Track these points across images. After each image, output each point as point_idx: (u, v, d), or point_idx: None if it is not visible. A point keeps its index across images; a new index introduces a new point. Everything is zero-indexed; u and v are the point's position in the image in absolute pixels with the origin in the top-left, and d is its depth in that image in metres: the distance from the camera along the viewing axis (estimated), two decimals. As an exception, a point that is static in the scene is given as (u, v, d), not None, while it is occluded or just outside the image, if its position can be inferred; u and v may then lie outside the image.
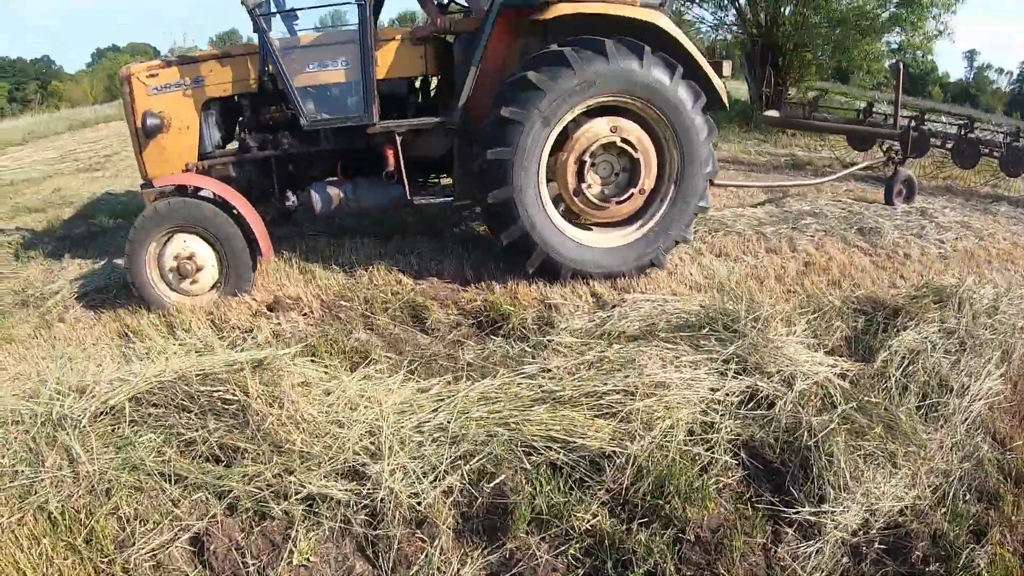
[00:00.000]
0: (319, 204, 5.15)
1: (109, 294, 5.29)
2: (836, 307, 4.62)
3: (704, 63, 5.01)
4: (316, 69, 4.96)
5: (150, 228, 4.63)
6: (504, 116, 4.50)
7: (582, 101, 4.61)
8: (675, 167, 5.01)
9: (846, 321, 4.50)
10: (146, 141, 5.02)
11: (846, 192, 8.75)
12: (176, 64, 5.08)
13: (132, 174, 11.87)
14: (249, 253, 4.79)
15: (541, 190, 4.73)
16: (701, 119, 4.94)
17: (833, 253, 6.02)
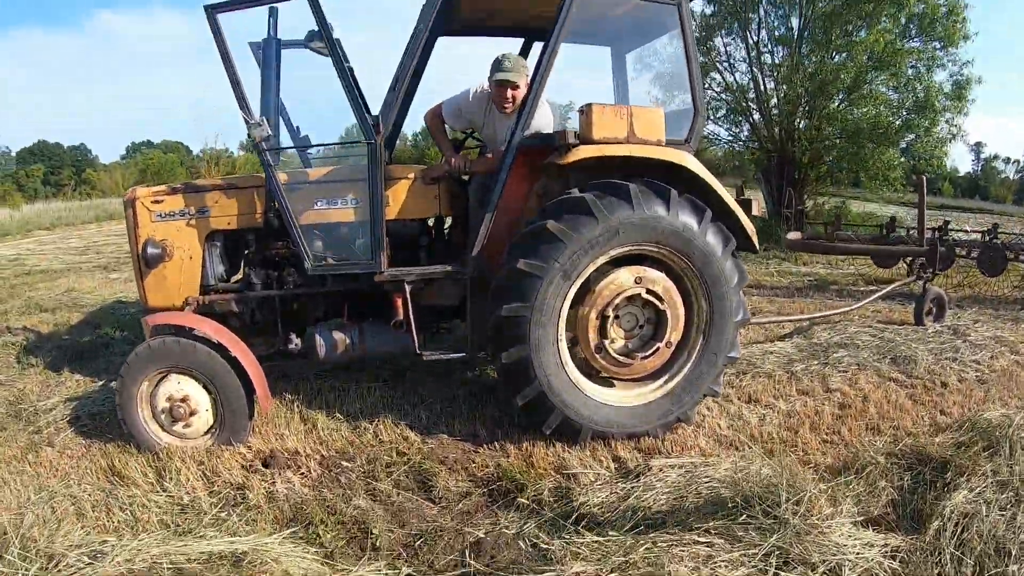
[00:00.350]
0: (323, 349, 4.80)
1: (103, 421, 5.01)
2: (880, 464, 4.16)
3: (733, 203, 4.67)
4: (324, 207, 4.68)
5: (143, 366, 4.34)
6: (521, 269, 4.13)
7: (605, 252, 4.25)
8: (704, 317, 4.62)
9: (891, 480, 4.03)
10: (147, 270, 4.76)
11: (874, 313, 8.45)
12: (181, 191, 4.83)
13: (145, 281, 11.82)
14: (246, 401, 4.44)
15: (560, 348, 4.32)
16: (731, 264, 4.58)
17: (868, 390, 5.65)
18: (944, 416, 5.13)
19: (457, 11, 5.22)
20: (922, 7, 13.65)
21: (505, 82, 4.74)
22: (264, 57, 4.60)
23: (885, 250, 9.42)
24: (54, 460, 4.44)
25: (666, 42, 5.77)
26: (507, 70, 4.71)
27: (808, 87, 13.22)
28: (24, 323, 8.62)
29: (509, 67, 4.72)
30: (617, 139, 4.29)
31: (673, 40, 5.70)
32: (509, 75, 4.71)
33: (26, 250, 20.65)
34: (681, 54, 4.85)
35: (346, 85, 4.30)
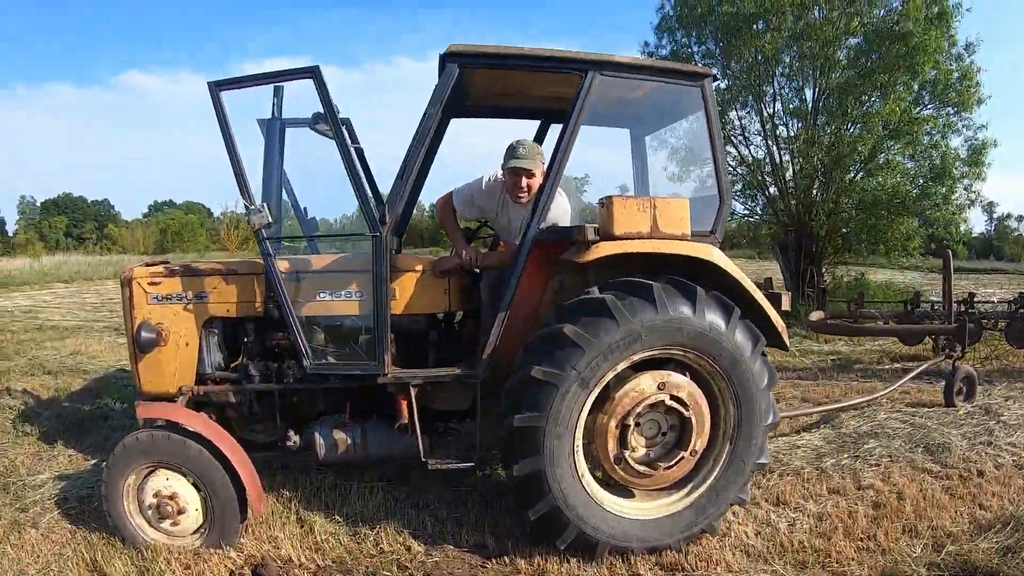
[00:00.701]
0: (323, 449, 4.45)
1: (90, 505, 4.73)
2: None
3: (762, 298, 4.30)
4: (327, 298, 4.37)
5: (130, 458, 4.06)
6: (535, 377, 3.75)
7: (626, 357, 3.87)
8: (731, 423, 4.22)
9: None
10: (141, 354, 4.47)
11: (902, 395, 8.00)
12: (180, 274, 4.56)
13: (151, 346, 11.58)
14: (238, 502, 4.09)
15: (576, 460, 3.92)
16: (760, 365, 4.19)
17: (903, 485, 5.24)
18: (984, 511, 4.79)
19: (469, 92, 4.97)
20: (934, 74, 13.51)
21: (519, 170, 4.43)
22: (267, 138, 4.35)
23: (912, 330, 9.00)
24: (37, 544, 4.24)
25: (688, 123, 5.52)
26: (521, 157, 4.41)
27: (825, 160, 12.97)
28: (26, 385, 8.43)
29: (524, 154, 4.42)
30: (640, 234, 3.96)
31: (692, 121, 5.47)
32: (523, 162, 4.41)
33: (42, 302, 20.98)
34: (703, 134, 4.55)
35: (350, 171, 4.01)
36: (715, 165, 4.52)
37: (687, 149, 7.99)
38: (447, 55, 4.01)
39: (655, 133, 5.77)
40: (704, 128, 4.52)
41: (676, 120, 5.37)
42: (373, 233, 3.96)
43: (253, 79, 4.11)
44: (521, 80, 4.84)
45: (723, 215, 4.50)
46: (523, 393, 3.83)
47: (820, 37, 13.12)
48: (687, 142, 7.31)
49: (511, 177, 4.50)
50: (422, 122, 4.02)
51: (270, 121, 4.38)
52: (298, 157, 5.31)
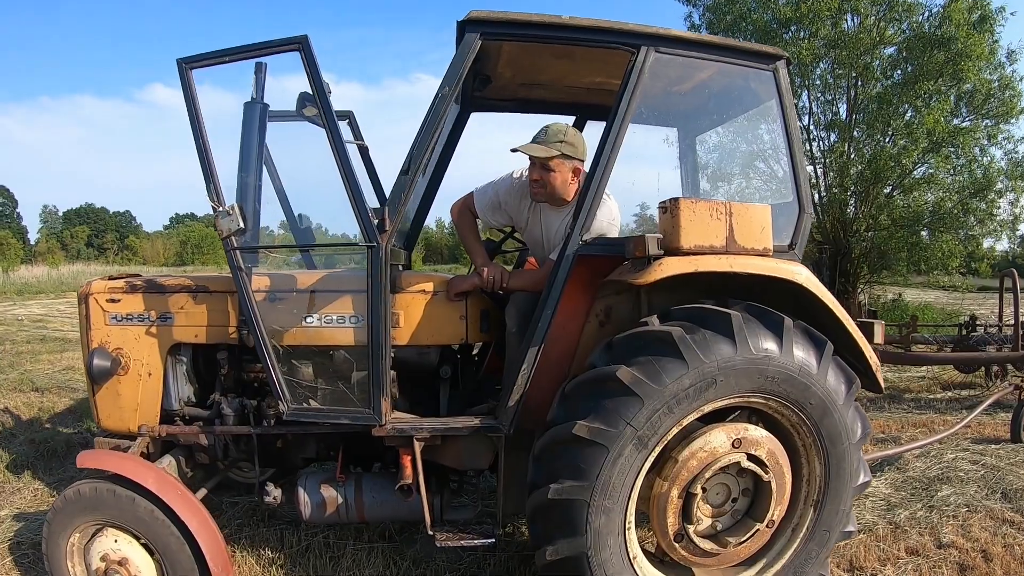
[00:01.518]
0: (307, 508, 3.52)
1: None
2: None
3: (855, 331, 3.34)
4: (315, 324, 3.42)
5: (72, 515, 3.27)
6: (580, 436, 2.80)
7: (696, 408, 2.92)
8: (816, 485, 3.28)
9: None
10: (96, 385, 3.61)
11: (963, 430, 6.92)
12: (142, 290, 3.64)
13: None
14: (199, 573, 3.21)
15: (628, 539, 2.96)
16: (853, 413, 3.25)
17: (985, 541, 4.49)
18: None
19: (493, 78, 4.05)
20: (970, 86, 12.59)
21: (532, 156, 3.49)
22: (245, 126, 3.41)
23: (973, 359, 7.99)
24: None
25: (744, 120, 4.59)
26: (535, 140, 3.49)
27: (866, 172, 11.98)
28: (10, 402, 7.87)
29: (541, 137, 3.48)
30: (713, 248, 2.99)
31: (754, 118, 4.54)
32: (531, 148, 3.47)
33: (56, 311, 20.52)
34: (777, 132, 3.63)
35: (341, 162, 3.07)
36: (793, 166, 3.58)
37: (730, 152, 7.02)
38: (467, 21, 3.09)
39: (707, 132, 4.81)
40: (777, 119, 3.60)
41: (738, 114, 4.38)
42: (369, 243, 3.02)
43: (229, 54, 3.21)
44: (555, 65, 3.93)
45: (804, 227, 3.55)
46: (561, 455, 2.87)
47: (857, 46, 12.15)
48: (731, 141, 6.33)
49: (528, 168, 3.57)
50: (434, 104, 3.08)
51: (248, 105, 3.43)
52: (291, 154, 4.45)
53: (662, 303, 3.18)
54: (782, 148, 3.67)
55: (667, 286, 3.00)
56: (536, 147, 3.44)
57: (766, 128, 3.92)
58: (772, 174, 13.22)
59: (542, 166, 3.48)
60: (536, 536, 3.02)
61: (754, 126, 5.24)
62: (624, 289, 3.26)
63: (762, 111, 4.12)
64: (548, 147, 3.43)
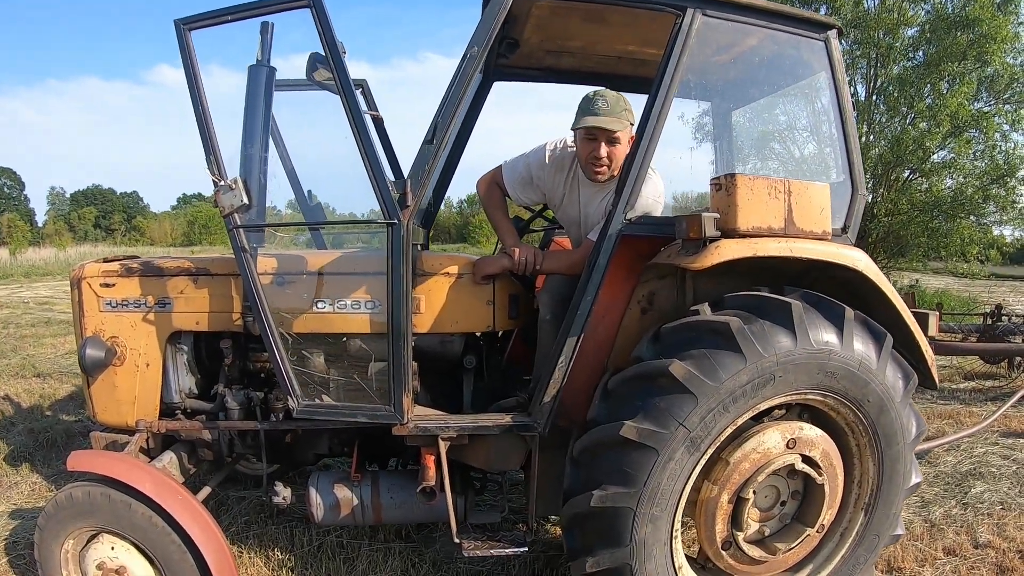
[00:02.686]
0: (320, 511, 3.23)
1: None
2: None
3: (913, 323, 3.04)
4: (327, 309, 3.11)
5: (65, 521, 3.02)
6: (627, 438, 2.51)
7: (752, 407, 2.63)
8: (868, 487, 3.02)
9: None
10: (91, 377, 3.34)
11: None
12: (139, 274, 3.33)
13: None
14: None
15: (674, 548, 2.68)
16: (909, 411, 2.97)
17: (1021, 540, 4.34)
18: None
19: (521, 43, 3.73)
20: (992, 69, 12.22)
21: (597, 130, 3.07)
22: (250, 91, 3.09)
23: (1002, 350, 7.71)
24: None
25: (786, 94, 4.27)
26: (600, 111, 3.05)
27: (887, 156, 11.61)
28: (10, 389, 7.71)
29: (603, 108, 3.05)
30: (772, 230, 2.67)
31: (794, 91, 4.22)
32: (603, 120, 3.04)
33: (63, 293, 20.24)
34: (793, 112, 3.31)
35: (357, 130, 2.75)
36: (846, 143, 3.27)
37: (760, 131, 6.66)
38: None
39: (744, 107, 4.48)
40: (829, 92, 3.28)
41: (784, 86, 4.04)
42: (389, 220, 2.71)
43: (231, 12, 2.89)
44: (584, 31, 3.61)
45: (857, 209, 3.24)
46: (605, 459, 2.58)
47: (879, 25, 11.76)
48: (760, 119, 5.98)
49: (585, 144, 3.16)
50: (462, 67, 2.75)
51: (254, 68, 3.10)
52: (300, 125, 4.15)
53: (708, 289, 2.89)
54: (834, 123, 3.35)
55: (716, 271, 2.69)
56: (611, 120, 3.06)
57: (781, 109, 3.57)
58: (789, 155, 12.95)
59: (608, 140, 3.11)
60: (574, 546, 2.73)
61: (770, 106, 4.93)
62: (667, 273, 2.95)
63: (804, 86, 3.82)
64: (619, 119, 3.08)
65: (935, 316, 3.41)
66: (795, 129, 12.19)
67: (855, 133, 3.33)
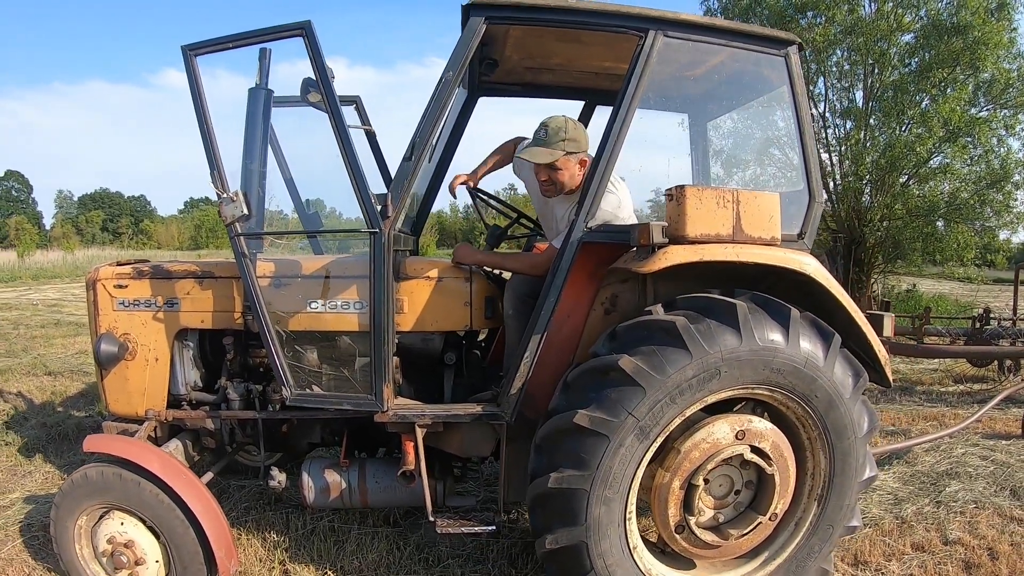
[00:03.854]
0: (311, 493, 3.56)
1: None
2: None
3: (864, 323, 3.29)
4: (319, 309, 3.42)
5: (79, 498, 3.33)
6: (580, 425, 2.78)
7: (699, 400, 2.89)
8: (820, 479, 3.25)
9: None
10: (104, 370, 3.66)
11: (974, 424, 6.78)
12: (149, 276, 3.68)
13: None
14: (203, 557, 3.25)
15: (628, 528, 2.94)
16: (859, 407, 3.21)
17: (992, 539, 4.46)
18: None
19: (500, 62, 4.01)
20: (988, 75, 12.42)
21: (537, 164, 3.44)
22: (249, 112, 3.40)
23: (987, 352, 7.94)
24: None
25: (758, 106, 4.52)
26: (537, 143, 3.43)
27: (880, 161, 11.83)
28: (23, 387, 8.01)
29: (543, 138, 3.41)
30: (720, 236, 2.93)
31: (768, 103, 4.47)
32: (532, 152, 3.41)
33: (71, 295, 20.71)
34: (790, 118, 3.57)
35: (343, 146, 3.05)
36: (804, 153, 3.51)
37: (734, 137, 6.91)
38: (471, 5, 3.04)
39: (718, 118, 4.75)
40: (789, 106, 3.53)
41: (750, 100, 4.32)
42: (371, 229, 3.01)
43: (233, 40, 3.21)
44: (562, 49, 3.88)
45: (814, 216, 3.49)
46: (562, 445, 2.85)
47: (874, 32, 11.98)
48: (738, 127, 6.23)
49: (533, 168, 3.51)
50: (438, 89, 3.05)
51: (253, 91, 3.42)
52: (297, 141, 4.44)
53: (669, 292, 3.15)
54: (794, 135, 3.60)
55: (674, 275, 2.96)
56: (540, 152, 3.38)
57: (781, 115, 3.87)
58: (788, 161, 13.13)
59: (548, 167, 3.43)
60: (536, 525, 3.01)
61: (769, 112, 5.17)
62: (630, 277, 3.22)
63: (775, 96, 4.06)
64: (551, 149, 3.38)
65: (890, 318, 3.64)
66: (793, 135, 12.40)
67: (813, 145, 3.58)
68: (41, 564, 3.81)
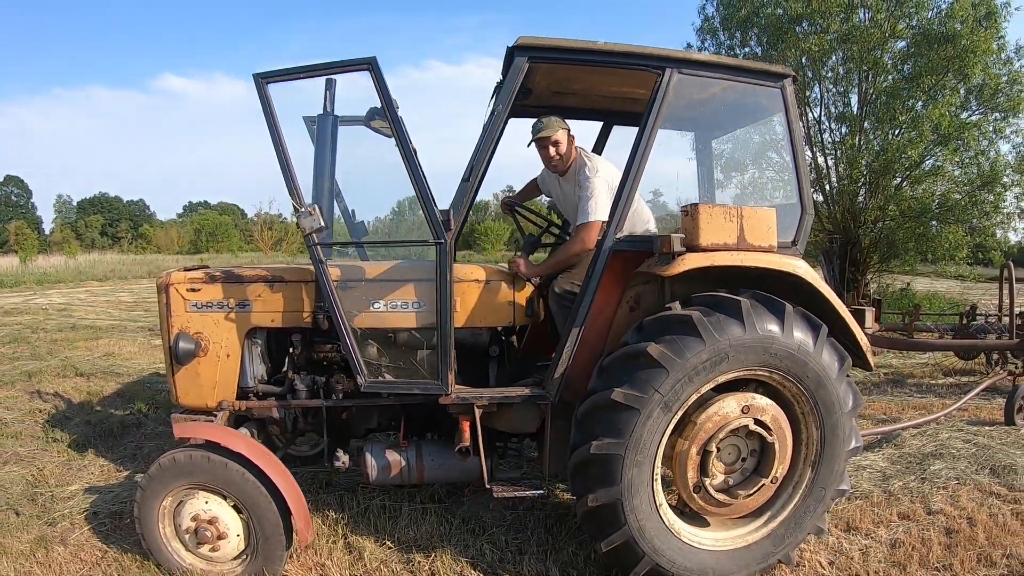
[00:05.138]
0: (374, 471, 4.11)
1: (122, 522, 4.51)
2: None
3: (848, 316, 3.93)
4: (382, 309, 4.02)
5: (166, 480, 3.72)
6: (616, 400, 3.41)
7: (711, 379, 3.53)
8: (813, 448, 3.88)
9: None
10: (178, 365, 4.16)
11: (960, 412, 7.68)
12: (221, 280, 4.21)
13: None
14: (283, 528, 3.74)
15: (655, 488, 3.57)
16: (845, 387, 3.85)
17: (972, 510, 5.04)
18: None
19: (532, 89, 4.63)
20: (981, 79, 13.10)
21: (540, 139, 4.42)
22: (319, 135, 4.00)
23: (971, 345, 8.56)
24: (64, 564, 4.03)
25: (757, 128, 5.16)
26: (538, 130, 4.40)
27: (873, 165, 12.51)
28: (57, 387, 8.31)
29: (540, 127, 4.40)
30: (727, 245, 3.60)
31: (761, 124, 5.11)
32: (540, 131, 4.39)
33: (77, 299, 21.06)
34: (756, 138, 4.19)
35: (413, 172, 3.65)
36: (797, 172, 4.16)
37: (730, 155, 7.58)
38: (516, 48, 3.67)
39: (721, 136, 5.40)
40: (784, 131, 4.17)
41: (749, 123, 5.00)
42: (437, 240, 3.62)
43: (303, 71, 3.76)
44: (586, 77, 4.51)
45: (805, 226, 4.13)
46: (601, 418, 3.48)
47: (867, 41, 12.66)
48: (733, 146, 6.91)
49: (540, 152, 4.52)
50: (491, 121, 3.69)
51: (322, 117, 4.03)
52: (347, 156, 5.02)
53: (683, 291, 3.77)
54: (787, 155, 4.24)
55: (688, 277, 3.61)
56: (545, 130, 4.37)
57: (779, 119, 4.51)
58: (784, 164, 13.78)
59: (553, 144, 4.40)
60: (577, 488, 3.63)
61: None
62: (652, 279, 3.86)
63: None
64: (551, 127, 4.37)
65: (871, 312, 4.33)
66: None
67: (805, 165, 4.22)
68: (113, 547, 4.18)
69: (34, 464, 5.64)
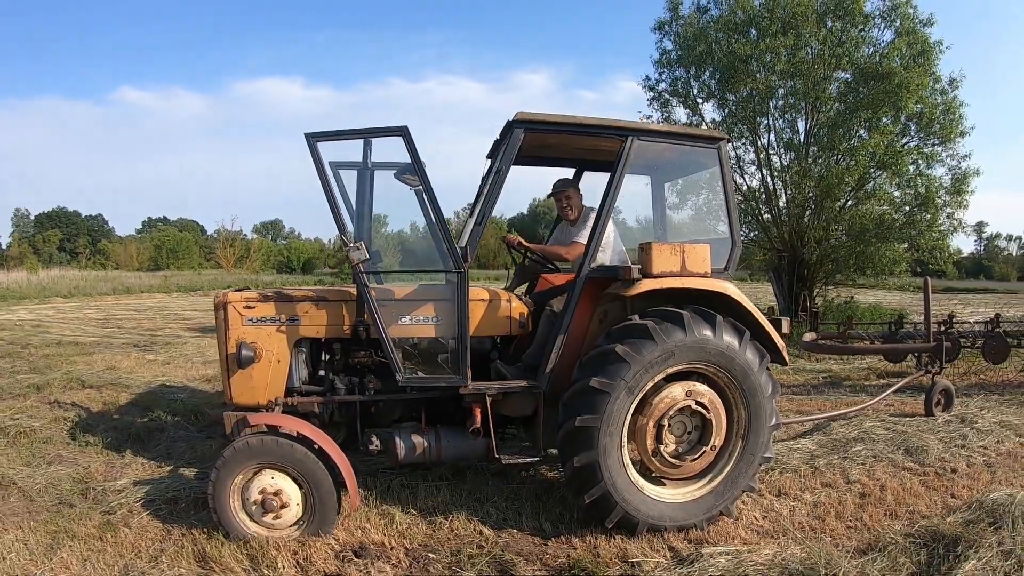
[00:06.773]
0: (402, 451, 5.29)
1: (179, 506, 5.33)
2: (899, 543, 4.74)
3: (767, 323, 5.36)
4: (408, 323, 5.30)
5: (240, 461, 4.67)
6: (593, 386, 4.76)
7: (662, 370, 4.90)
8: (742, 424, 5.25)
9: (910, 557, 4.62)
10: (236, 369, 5.23)
11: (887, 407, 9.05)
12: (273, 300, 5.36)
13: (184, 363, 12.59)
14: (336, 496, 4.82)
15: (623, 453, 4.93)
16: (766, 377, 5.23)
17: (885, 480, 6.21)
18: (954, 499, 5.76)
19: (522, 146, 5.96)
20: (919, 108, 14.72)
21: (557, 194, 6.37)
22: (359, 185, 5.38)
23: (895, 349, 10.10)
24: (134, 542, 4.67)
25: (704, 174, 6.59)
26: (556, 188, 6.34)
27: (816, 190, 14.08)
28: (71, 398, 8.92)
29: (559, 185, 6.34)
30: (672, 272, 5.02)
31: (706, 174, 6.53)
32: (559, 189, 6.30)
33: (46, 316, 21.48)
34: (714, 184, 5.60)
35: (438, 218, 4.98)
36: (728, 213, 5.57)
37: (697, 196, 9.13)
38: (515, 122, 5.03)
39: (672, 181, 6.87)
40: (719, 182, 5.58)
41: (694, 172, 6.49)
42: (457, 270, 4.93)
43: (346, 134, 4.96)
44: (565, 138, 5.85)
45: (735, 256, 5.54)
46: (582, 400, 4.84)
47: (811, 75, 14.23)
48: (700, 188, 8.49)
49: (557, 202, 6.45)
50: (495, 179, 5.06)
51: (361, 170, 5.36)
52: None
53: (641, 307, 5.14)
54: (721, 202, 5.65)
55: (644, 296, 5.01)
56: (562, 185, 6.35)
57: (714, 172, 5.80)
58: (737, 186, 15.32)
59: (566, 198, 6.28)
60: (564, 454, 4.99)
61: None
62: (617, 298, 5.26)
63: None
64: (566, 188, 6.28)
65: (787, 320, 5.77)
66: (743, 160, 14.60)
67: (735, 208, 5.65)
68: (177, 527, 4.83)
69: (78, 464, 6.29)
